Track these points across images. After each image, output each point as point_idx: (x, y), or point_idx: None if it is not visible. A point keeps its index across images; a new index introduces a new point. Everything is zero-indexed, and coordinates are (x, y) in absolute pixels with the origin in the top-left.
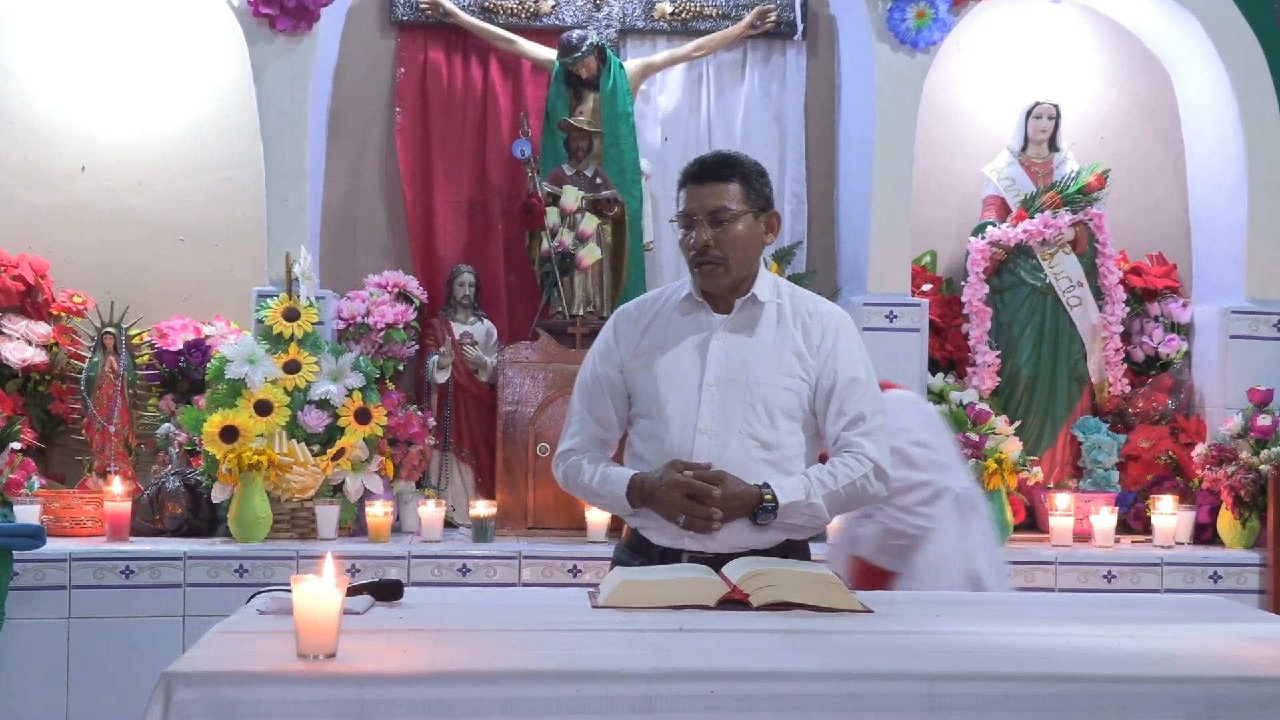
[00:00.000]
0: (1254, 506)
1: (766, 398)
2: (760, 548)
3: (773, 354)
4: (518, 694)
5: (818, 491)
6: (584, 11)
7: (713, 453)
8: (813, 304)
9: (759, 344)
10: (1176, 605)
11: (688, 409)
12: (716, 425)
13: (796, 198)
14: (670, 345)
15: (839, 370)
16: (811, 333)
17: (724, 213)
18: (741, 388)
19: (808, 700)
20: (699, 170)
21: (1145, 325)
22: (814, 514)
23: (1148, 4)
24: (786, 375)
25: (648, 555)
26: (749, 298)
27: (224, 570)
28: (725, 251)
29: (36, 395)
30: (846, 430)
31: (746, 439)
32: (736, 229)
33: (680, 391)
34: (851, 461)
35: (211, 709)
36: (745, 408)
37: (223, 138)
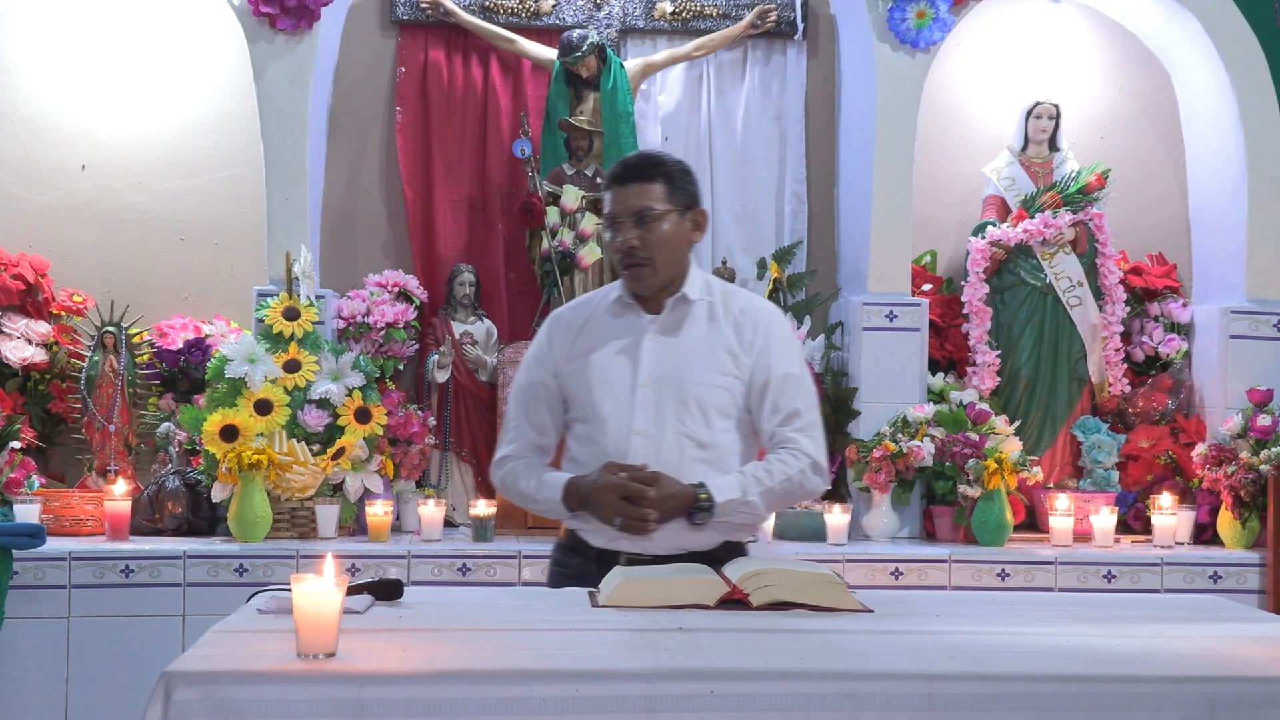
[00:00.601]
0: (1254, 506)
1: (700, 397)
2: (698, 549)
3: (705, 353)
4: (517, 693)
5: (754, 489)
6: (584, 11)
7: (648, 454)
8: (744, 301)
9: (691, 343)
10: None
11: (622, 411)
12: (651, 426)
13: (797, 197)
14: (603, 348)
15: (772, 367)
16: (743, 330)
17: (648, 213)
18: (675, 388)
19: (808, 700)
20: (622, 171)
21: (1145, 325)
22: (751, 512)
23: (1148, 4)
24: (719, 374)
25: (584, 555)
26: (679, 297)
27: (224, 569)
28: (651, 252)
29: (36, 394)
30: (782, 426)
31: (681, 439)
32: (662, 229)
33: (614, 394)
34: (787, 457)
35: (211, 708)
36: (679, 407)
37: (223, 137)
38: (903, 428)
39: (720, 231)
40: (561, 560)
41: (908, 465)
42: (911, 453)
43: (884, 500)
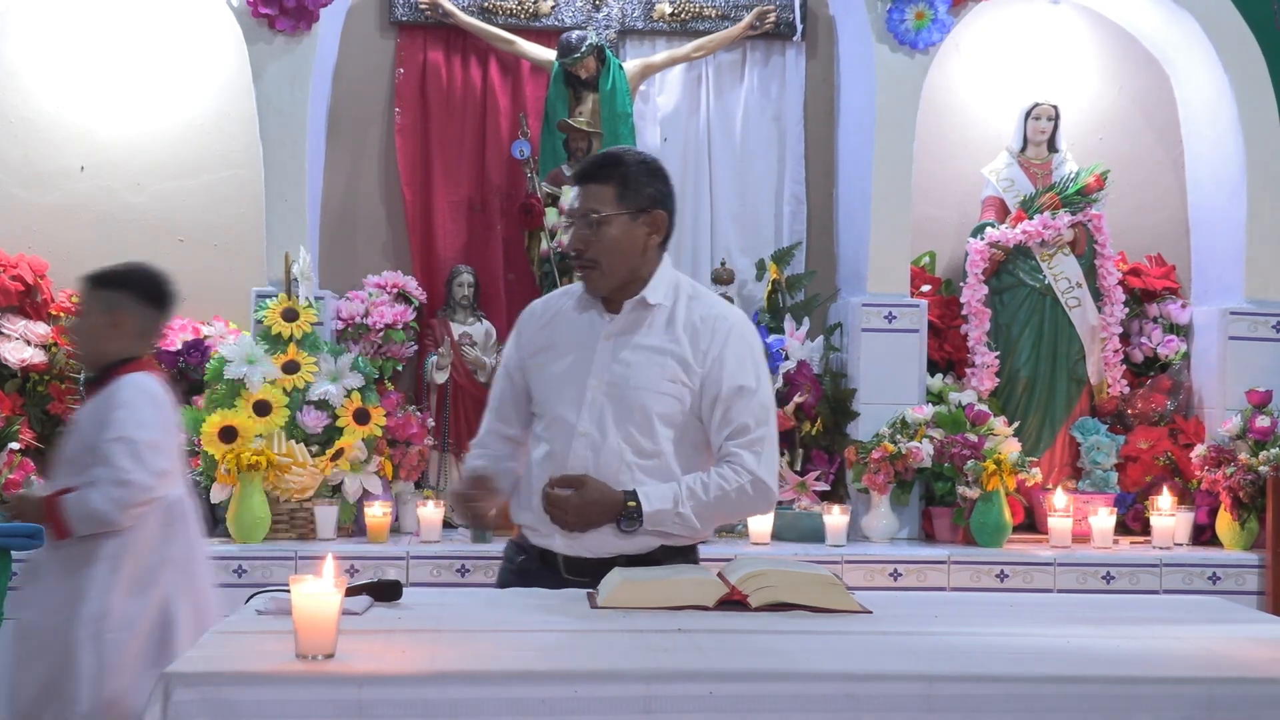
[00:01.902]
0: (1253, 508)
1: (645, 403)
2: (633, 553)
3: (656, 360)
4: (517, 694)
5: (687, 502)
6: (583, 12)
7: (588, 456)
8: (708, 308)
9: (643, 348)
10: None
11: (569, 411)
12: (594, 429)
13: (796, 198)
14: (563, 345)
15: (724, 379)
16: (700, 339)
17: (594, 215)
18: (622, 392)
19: (807, 700)
20: (581, 171)
21: (1144, 326)
22: (684, 524)
23: (1147, 5)
24: (668, 381)
25: (529, 553)
26: (638, 300)
27: (223, 570)
28: (597, 255)
29: (35, 395)
30: (728, 440)
31: (622, 444)
32: (608, 232)
33: (567, 392)
34: (728, 472)
35: (210, 709)
36: (624, 412)
37: (222, 137)
38: (901, 429)
39: (719, 232)
40: (510, 556)
41: (906, 466)
42: (910, 454)
43: (883, 501)
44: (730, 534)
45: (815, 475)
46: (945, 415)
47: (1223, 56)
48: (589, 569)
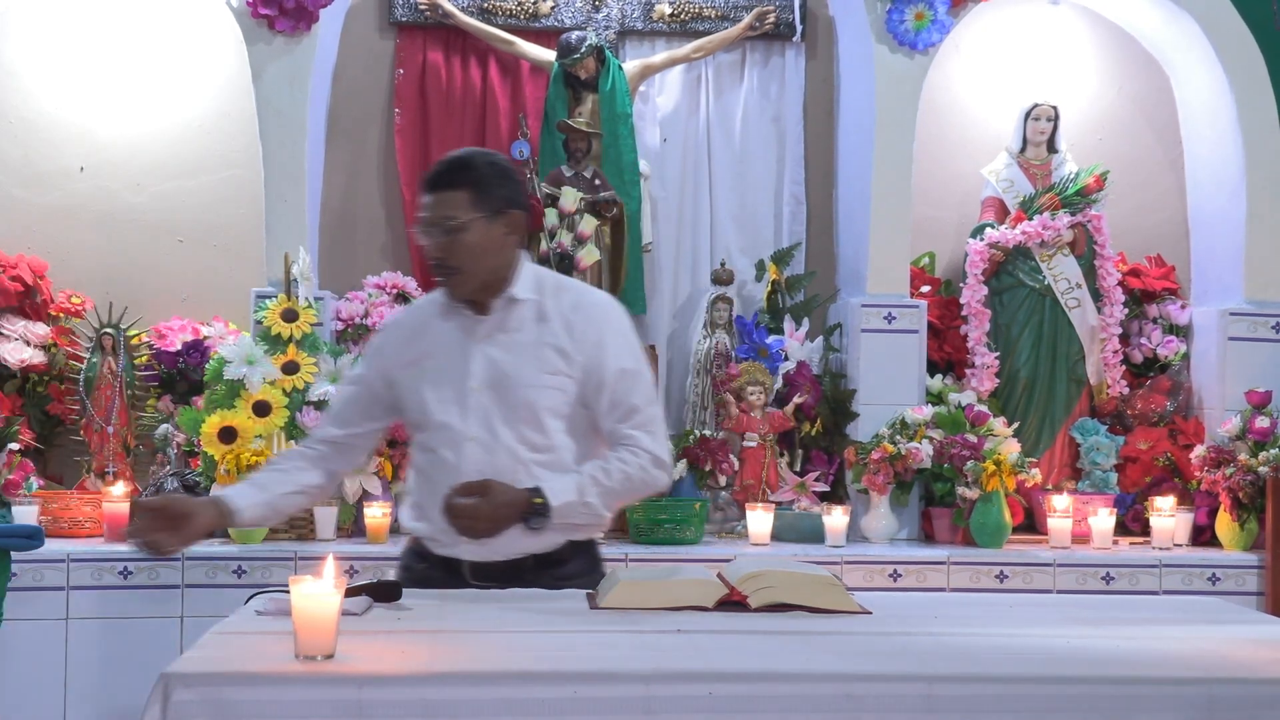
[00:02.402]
0: (1252, 508)
1: (531, 399)
2: (541, 551)
3: (533, 353)
4: (516, 695)
5: (591, 490)
6: (583, 13)
7: (482, 459)
8: (577, 297)
9: (519, 344)
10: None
11: (455, 417)
12: (484, 431)
13: (795, 199)
14: (435, 352)
15: (607, 363)
16: (575, 328)
17: (451, 222)
18: (505, 391)
19: (806, 701)
20: (432, 178)
21: (1144, 327)
22: (591, 512)
23: (1146, 5)
24: (549, 374)
25: (429, 561)
26: (506, 297)
27: (222, 571)
28: (458, 261)
29: (35, 396)
30: (620, 423)
31: (515, 443)
32: (467, 238)
33: (447, 399)
34: (626, 455)
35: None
36: (510, 411)
37: (222, 138)
38: (901, 429)
39: (719, 233)
40: (408, 565)
41: (906, 467)
42: (910, 454)
43: (882, 502)
44: (730, 535)
45: (815, 476)
46: (945, 416)
47: (1222, 57)
48: (496, 572)
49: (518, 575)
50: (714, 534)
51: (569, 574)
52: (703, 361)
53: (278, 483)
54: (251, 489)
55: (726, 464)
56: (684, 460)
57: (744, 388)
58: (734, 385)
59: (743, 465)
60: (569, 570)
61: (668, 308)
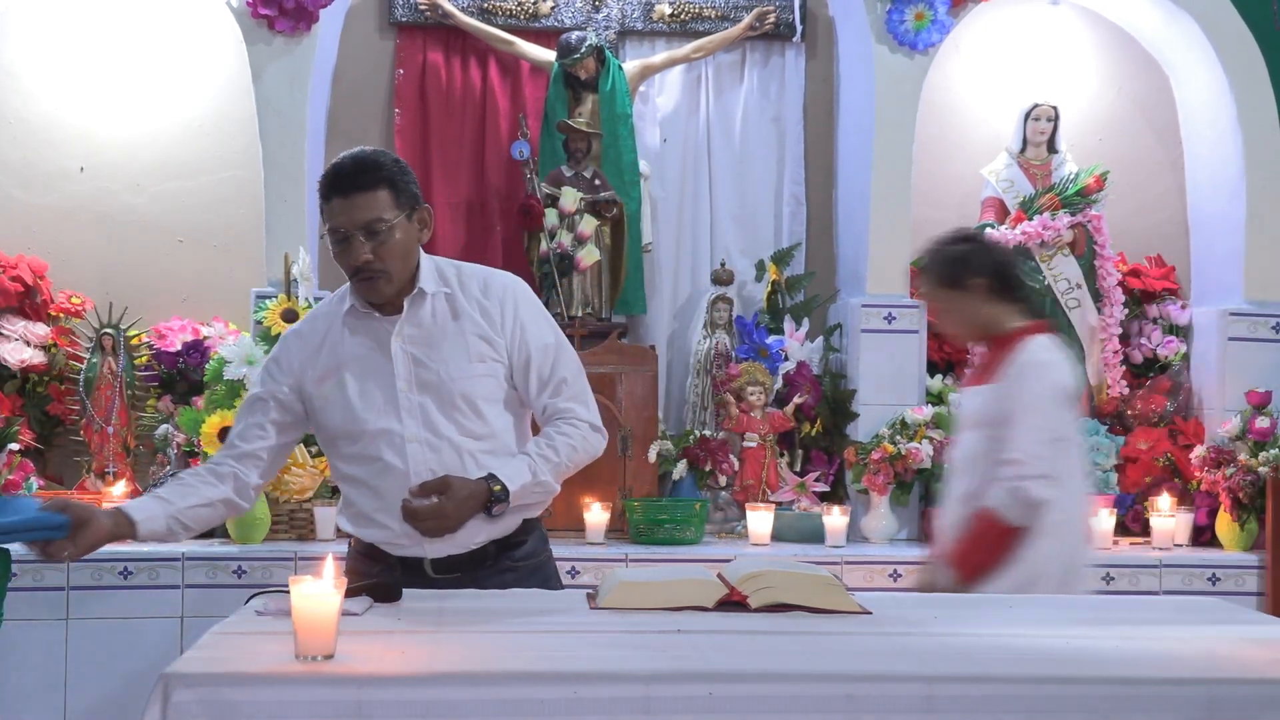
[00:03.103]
0: (1252, 509)
1: (465, 390)
2: (501, 535)
3: (457, 344)
4: (516, 695)
5: (543, 467)
6: (583, 13)
7: (428, 458)
8: (483, 281)
9: (439, 337)
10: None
11: (390, 422)
12: (424, 431)
13: (795, 199)
14: (351, 361)
15: (529, 341)
16: (490, 311)
17: (379, 224)
18: (436, 387)
19: (806, 701)
20: (341, 180)
21: (1144, 327)
22: (544, 490)
23: (1146, 6)
24: (477, 362)
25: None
26: (415, 294)
27: (222, 571)
28: (387, 263)
29: (35, 396)
30: (553, 398)
31: (458, 436)
32: (395, 239)
33: (377, 405)
34: (565, 427)
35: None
36: (446, 406)
37: (221, 138)
38: (901, 430)
39: (719, 233)
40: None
41: (906, 467)
42: (910, 454)
43: (882, 502)
44: (730, 535)
45: (815, 476)
46: (945, 416)
47: (1222, 57)
48: (459, 564)
49: (480, 563)
50: (714, 534)
51: (526, 554)
52: (703, 362)
53: (180, 496)
54: (153, 501)
55: (726, 464)
56: (684, 460)
57: (744, 388)
58: (734, 385)
59: (743, 465)
60: (526, 550)
61: (668, 308)
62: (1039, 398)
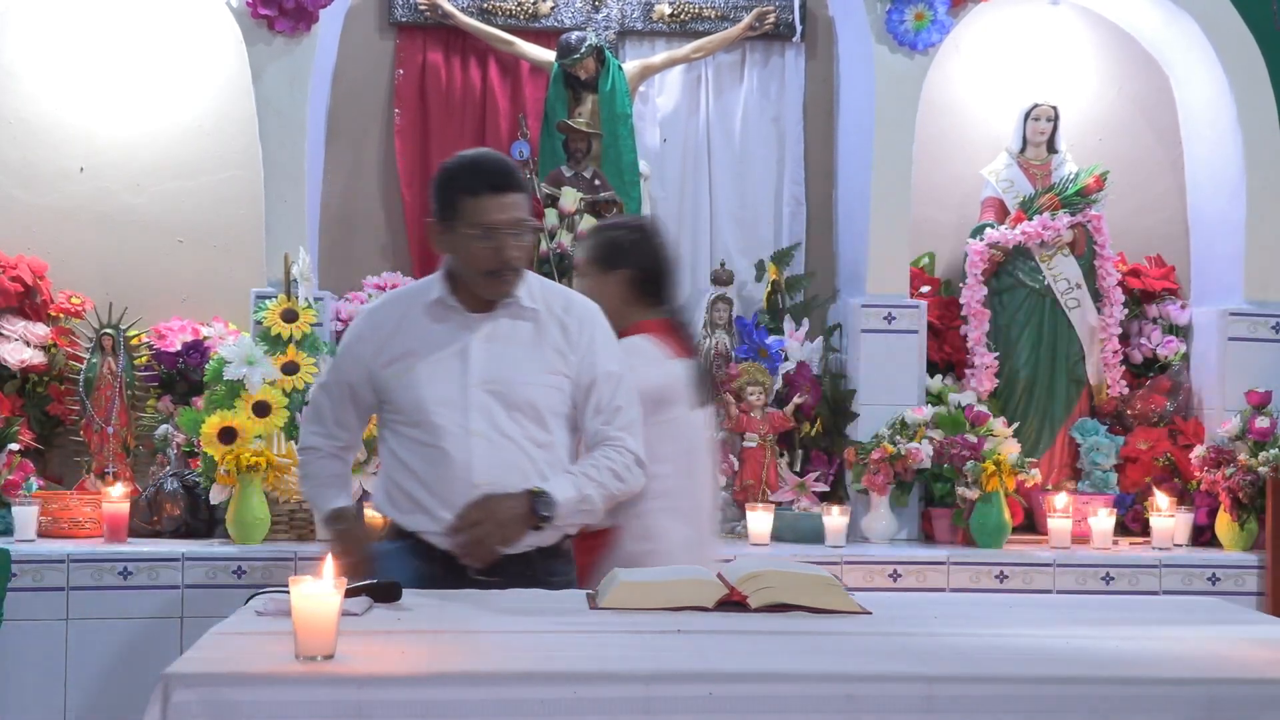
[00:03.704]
0: (1252, 508)
1: (534, 398)
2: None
3: (534, 354)
4: (516, 695)
5: (589, 486)
6: (583, 13)
7: (489, 454)
8: (565, 299)
9: (520, 344)
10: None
11: (456, 414)
12: (489, 428)
13: (795, 199)
14: (427, 350)
15: (597, 365)
16: (569, 329)
17: (524, 225)
18: (506, 389)
19: (806, 701)
20: (497, 179)
21: (1144, 327)
22: (590, 509)
23: (1146, 6)
24: (550, 374)
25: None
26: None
27: (222, 572)
28: (523, 262)
29: (35, 396)
30: (605, 424)
31: (521, 438)
32: (528, 241)
33: (445, 397)
34: (614, 455)
35: (210, 710)
36: (513, 409)
37: (221, 138)
38: (901, 430)
39: (718, 233)
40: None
41: (906, 467)
42: (910, 455)
43: (882, 502)
44: (730, 535)
45: (815, 476)
46: (945, 416)
47: (1222, 58)
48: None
49: (522, 569)
50: None
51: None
52: (703, 362)
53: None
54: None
55: (726, 464)
56: None
57: (744, 388)
58: (734, 385)
59: (743, 465)
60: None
61: None
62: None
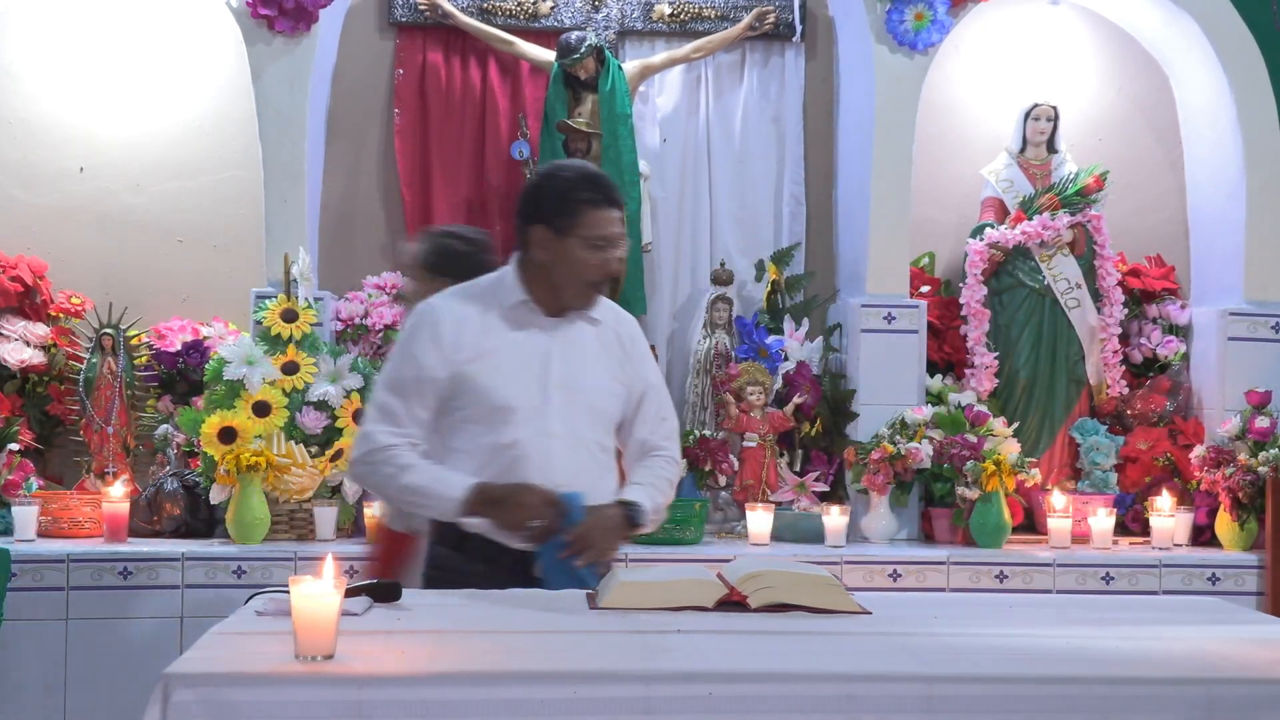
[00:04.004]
0: (1252, 508)
1: (601, 404)
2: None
3: (603, 361)
4: (516, 695)
5: (658, 496)
6: (582, 13)
7: (566, 455)
8: (615, 312)
9: (590, 351)
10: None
11: (536, 413)
12: (565, 430)
13: (795, 199)
14: (509, 351)
15: (648, 378)
16: (623, 340)
17: (625, 239)
18: (581, 394)
19: (806, 701)
20: (612, 193)
21: (1143, 327)
22: (659, 518)
23: (1146, 6)
24: (614, 382)
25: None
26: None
27: (222, 571)
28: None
29: (35, 396)
30: (652, 434)
31: (591, 443)
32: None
33: (527, 398)
34: (663, 463)
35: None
36: (587, 413)
37: (221, 138)
38: (901, 430)
39: (718, 233)
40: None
41: (906, 467)
42: (910, 455)
43: (882, 502)
44: (729, 535)
45: (814, 476)
46: (944, 416)
47: (1222, 58)
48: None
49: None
50: (714, 534)
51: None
52: (702, 362)
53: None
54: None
55: (726, 464)
56: (684, 460)
57: (744, 388)
58: (734, 385)
59: (743, 465)
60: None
61: (667, 308)
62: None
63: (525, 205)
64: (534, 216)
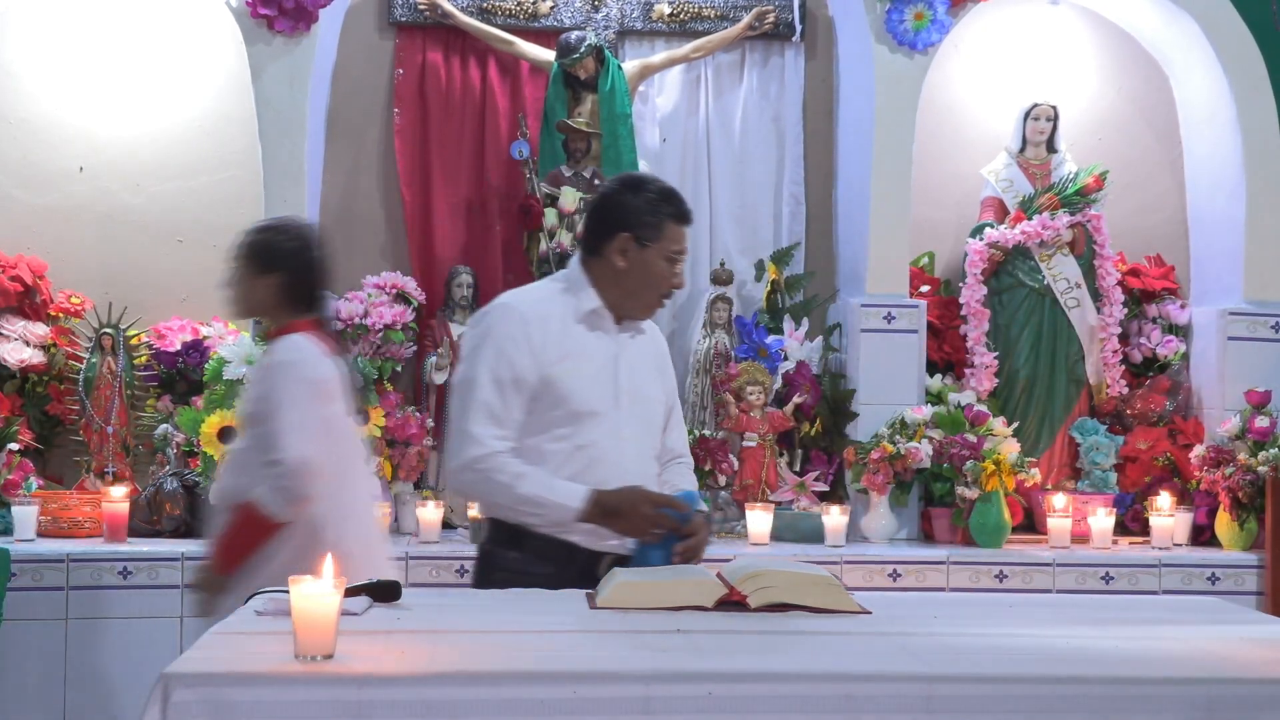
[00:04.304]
0: (1252, 508)
1: (653, 412)
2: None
3: (654, 371)
4: (516, 695)
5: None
6: (582, 13)
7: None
8: (651, 325)
9: (645, 361)
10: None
11: (613, 420)
12: (635, 435)
13: (795, 199)
14: (586, 355)
15: (674, 389)
16: (660, 353)
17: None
18: (640, 401)
19: (806, 701)
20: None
21: (1143, 327)
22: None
23: (1146, 6)
24: (660, 391)
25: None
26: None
27: None
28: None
29: (34, 396)
30: (677, 441)
31: (648, 448)
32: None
33: (604, 402)
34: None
35: (209, 710)
36: (645, 419)
37: (221, 138)
38: (900, 429)
39: (718, 233)
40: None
41: (905, 467)
42: (909, 454)
43: (882, 502)
44: (729, 535)
45: (814, 476)
46: (944, 416)
47: (1222, 57)
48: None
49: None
50: (714, 534)
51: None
52: (702, 361)
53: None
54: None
55: (726, 464)
56: None
57: (743, 388)
58: (734, 385)
59: (742, 465)
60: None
61: (667, 308)
62: (292, 395)
63: (608, 212)
64: (619, 224)
